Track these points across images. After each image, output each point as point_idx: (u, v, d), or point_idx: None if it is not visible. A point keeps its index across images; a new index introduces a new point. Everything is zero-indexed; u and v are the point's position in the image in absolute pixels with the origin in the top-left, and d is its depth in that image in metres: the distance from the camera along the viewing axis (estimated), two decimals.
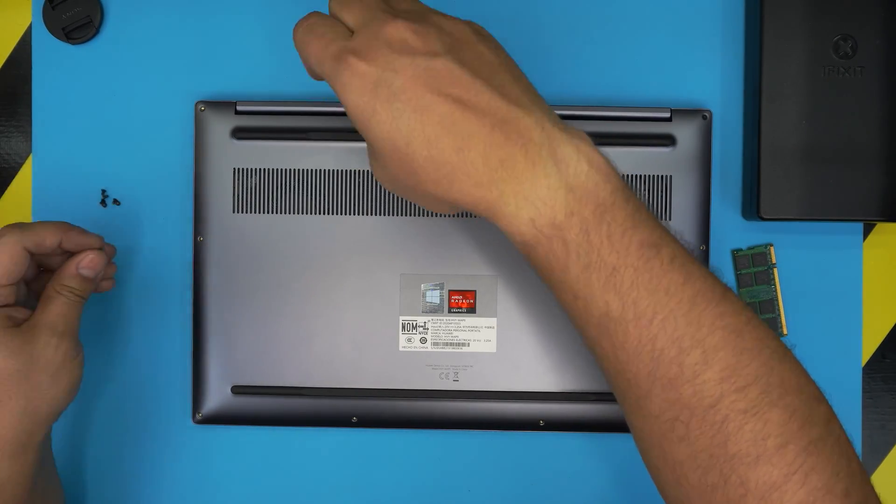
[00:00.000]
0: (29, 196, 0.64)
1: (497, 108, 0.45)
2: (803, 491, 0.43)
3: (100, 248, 0.56)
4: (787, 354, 0.45)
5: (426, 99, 0.45)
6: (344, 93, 0.46)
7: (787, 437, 0.43)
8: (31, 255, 0.54)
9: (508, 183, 0.44)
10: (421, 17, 0.47)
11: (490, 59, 0.47)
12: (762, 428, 0.43)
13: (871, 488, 0.46)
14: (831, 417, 0.45)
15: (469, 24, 0.48)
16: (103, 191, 0.63)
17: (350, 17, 0.48)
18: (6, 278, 0.53)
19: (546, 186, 0.44)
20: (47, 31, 0.63)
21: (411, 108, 0.45)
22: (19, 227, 0.54)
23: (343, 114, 0.61)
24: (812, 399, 0.45)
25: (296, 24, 0.49)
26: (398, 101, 0.45)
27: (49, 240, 0.54)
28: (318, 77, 0.49)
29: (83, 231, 0.56)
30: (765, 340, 0.45)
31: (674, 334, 0.44)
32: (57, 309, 0.54)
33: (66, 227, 0.55)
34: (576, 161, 0.45)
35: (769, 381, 0.44)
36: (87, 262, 0.55)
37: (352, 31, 0.47)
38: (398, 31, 0.46)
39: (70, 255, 0.56)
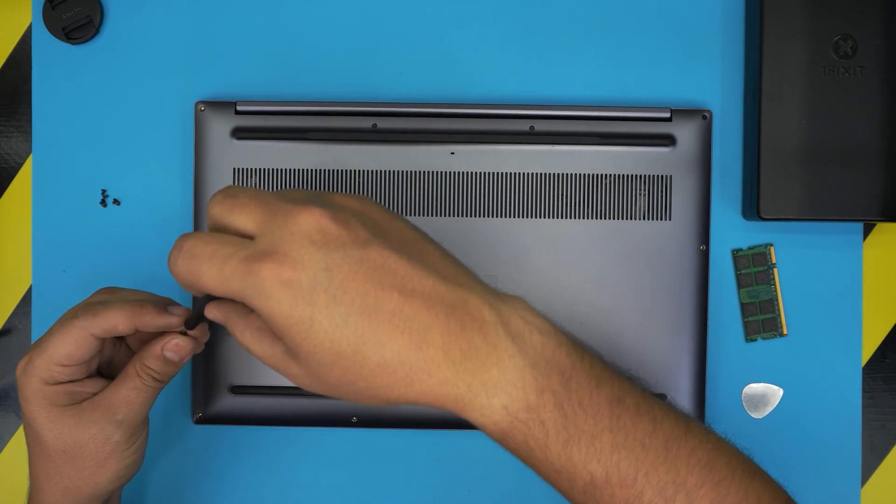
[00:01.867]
0: (29, 196, 0.63)
1: (443, 292, 0.41)
2: None
3: (184, 332, 0.51)
4: (753, 468, 0.46)
5: (371, 297, 0.40)
6: (268, 305, 0.40)
7: None
8: (103, 340, 0.50)
9: (475, 374, 0.41)
10: (324, 200, 0.42)
11: (410, 233, 0.43)
12: None
13: None
14: None
15: (369, 199, 0.44)
16: (103, 191, 0.63)
17: (245, 219, 0.42)
18: (68, 360, 0.49)
19: (512, 368, 0.41)
20: (47, 31, 0.63)
21: (356, 310, 0.40)
22: (92, 312, 0.49)
23: (343, 114, 0.61)
24: (785, 503, 0.47)
25: (169, 256, 0.43)
26: (341, 304, 0.40)
27: (122, 326, 0.49)
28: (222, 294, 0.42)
29: (161, 311, 0.50)
30: (732, 463, 0.45)
31: (657, 485, 0.43)
32: (125, 393, 0.50)
33: (142, 309, 0.50)
34: (528, 333, 0.42)
35: (748, 503, 0.45)
36: (173, 347, 0.50)
37: (250, 236, 0.42)
38: (315, 220, 0.40)
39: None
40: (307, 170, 0.61)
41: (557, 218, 0.61)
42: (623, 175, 0.61)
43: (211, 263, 0.41)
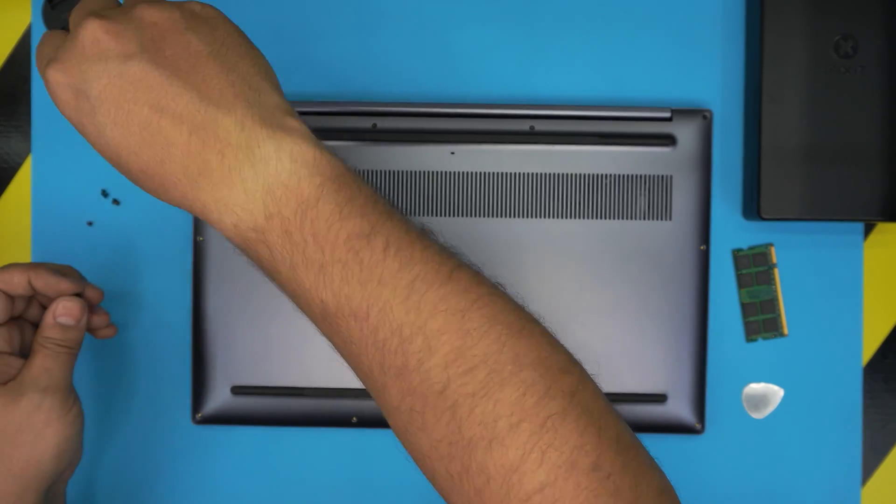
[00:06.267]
0: (29, 196, 0.63)
1: (195, 111, 0.43)
2: (542, 470, 0.39)
3: (77, 293, 0.54)
4: (524, 328, 0.42)
5: (124, 109, 0.43)
6: (56, 104, 0.45)
7: (520, 416, 0.40)
8: (9, 297, 0.52)
9: (208, 192, 0.43)
10: (126, 12, 0.44)
11: (196, 49, 0.44)
12: (493, 409, 0.40)
13: (632, 455, 0.41)
14: (579, 387, 0.42)
15: (184, 7, 0.45)
16: (103, 191, 0.63)
17: (72, 19, 0.46)
18: None
19: (243, 191, 0.43)
20: (47, 31, 0.62)
21: (111, 120, 0.43)
22: None
23: (343, 114, 0.61)
24: (555, 371, 0.41)
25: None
26: (98, 113, 0.43)
27: (17, 278, 0.52)
28: None
29: (55, 272, 0.54)
30: (498, 317, 0.42)
31: (393, 324, 0.41)
32: (39, 363, 0.52)
33: (37, 268, 0.53)
34: (276, 160, 0.43)
35: (499, 359, 0.41)
36: (62, 310, 0.53)
37: None
38: (90, 32, 0.43)
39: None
40: None
41: (557, 218, 0.61)
42: (623, 175, 0.61)
43: (37, 56, 0.47)
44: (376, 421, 0.61)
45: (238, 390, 0.61)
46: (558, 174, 0.61)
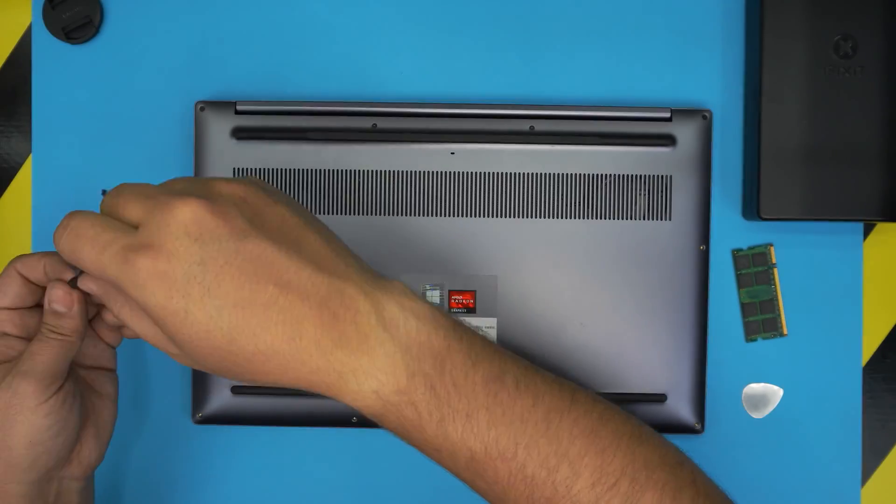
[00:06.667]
0: (29, 196, 0.64)
1: (319, 283, 0.43)
2: None
3: (71, 282, 0.51)
4: (643, 433, 0.46)
5: (245, 290, 0.41)
6: (143, 296, 0.42)
7: None
8: (29, 283, 0.50)
9: (346, 363, 0.43)
10: (206, 190, 0.43)
11: (293, 220, 0.44)
12: None
13: None
14: (695, 476, 0.46)
15: (255, 182, 0.45)
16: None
17: (129, 209, 0.44)
18: (9, 300, 0.50)
19: (383, 356, 0.43)
20: (47, 31, 0.63)
21: (231, 302, 0.41)
22: (17, 257, 0.51)
23: (343, 114, 0.61)
24: (676, 466, 0.46)
25: (56, 230, 0.45)
26: (215, 297, 0.41)
27: (35, 262, 0.50)
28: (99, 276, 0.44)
29: (64, 262, 0.50)
30: (621, 429, 0.46)
31: (539, 458, 0.44)
32: (30, 347, 0.49)
33: (51, 254, 0.50)
34: (403, 319, 0.43)
35: (634, 468, 0.44)
36: (53, 296, 0.49)
37: (135, 226, 0.43)
38: (192, 212, 0.41)
39: None
40: (307, 170, 0.61)
41: (557, 218, 0.61)
42: (623, 175, 0.61)
43: (92, 246, 0.43)
44: None
45: (238, 390, 0.61)
46: (558, 174, 0.61)
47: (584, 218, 0.61)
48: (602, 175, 0.61)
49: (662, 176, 0.61)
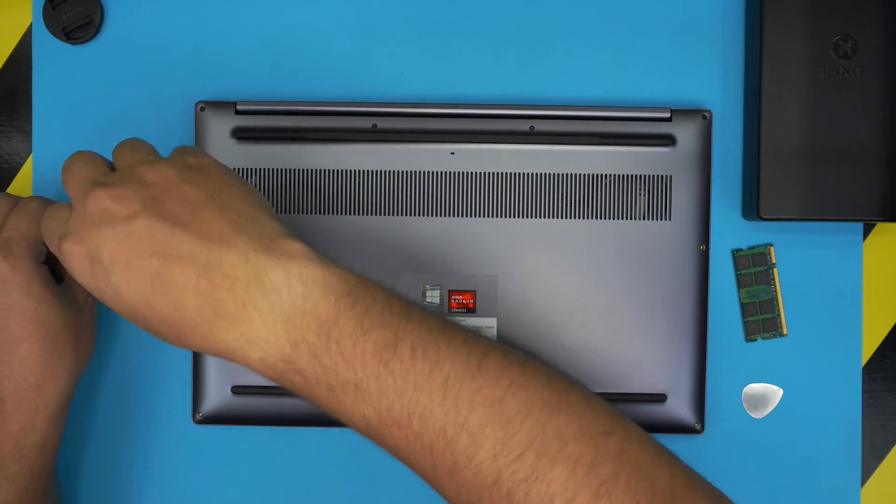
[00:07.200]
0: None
1: (198, 252, 0.44)
2: None
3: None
4: (561, 401, 0.44)
5: (134, 266, 0.44)
6: (73, 276, 0.46)
7: (574, 490, 0.42)
8: None
9: (228, 331, 0.44)
10: (126, 175, 0.47)
11: (194, 197, 0.46)
12: (547, 490, 0.42)
13: (687, 496, 0.44)
14: (625, 445, 0.43)
15: (177, 161, 0.47)
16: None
17: (69, 192, 0.48)
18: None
19: (262, 325, 0.43)
20: (47, 31, 0.63)
21: (125, 278, 0.44)
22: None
23: (343, 114, 0.61)
24: (599, 436, 0.43)
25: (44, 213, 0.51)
26: (112, 275, 0.45)
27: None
28: None
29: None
30: (534, 398, 0.43)
31: (436, 427, 0.43)
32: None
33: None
34: (287, 287, 0.43)
35: (544, 440, 0.42)
36: None
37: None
38: (98, 202, 0.45)
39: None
40: (307, 170, 0.61)
41: (557, 218, 0.61)
42: (623, 175, 0.61)
43: (45, 232, 0.49)
44: None
45: (238, 390, 0.61)
46: (558, 174, 0.61)
47: (584, 218, 0.61)
48: (602, 175, 0.61)
49: (662, 176, 0.61)
